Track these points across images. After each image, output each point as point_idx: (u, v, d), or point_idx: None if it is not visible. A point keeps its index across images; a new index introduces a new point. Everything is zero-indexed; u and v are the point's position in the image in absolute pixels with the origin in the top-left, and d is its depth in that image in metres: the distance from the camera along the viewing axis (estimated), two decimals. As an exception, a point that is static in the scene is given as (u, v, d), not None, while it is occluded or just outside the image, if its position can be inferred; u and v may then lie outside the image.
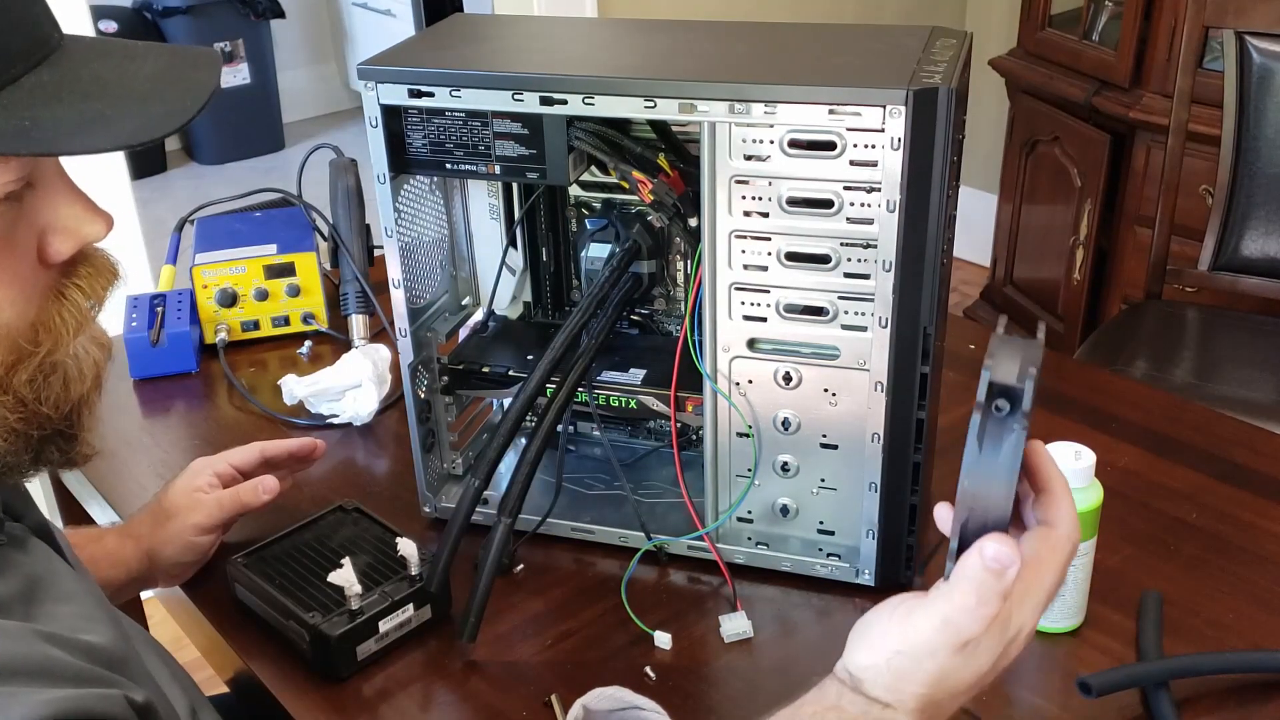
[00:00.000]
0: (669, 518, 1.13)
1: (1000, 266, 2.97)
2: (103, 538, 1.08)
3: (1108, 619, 1.02)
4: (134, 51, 0.68)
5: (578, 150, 1.02)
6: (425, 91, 1.00)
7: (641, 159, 1.03)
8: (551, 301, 1.25)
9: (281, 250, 1.53)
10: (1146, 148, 2.46)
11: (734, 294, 1.00)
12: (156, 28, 4.37)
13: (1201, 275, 2.07)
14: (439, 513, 1.17)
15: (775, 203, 0.96)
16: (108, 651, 0.67)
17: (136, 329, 1.45)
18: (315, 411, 1.36)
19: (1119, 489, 1.15)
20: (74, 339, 0.70)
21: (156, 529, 1.06)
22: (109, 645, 0.68)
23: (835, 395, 1.01)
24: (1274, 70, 1.94)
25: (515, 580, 1.10)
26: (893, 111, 0.89)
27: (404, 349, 1.11)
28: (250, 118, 4.58)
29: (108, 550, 1.05)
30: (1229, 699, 0.94)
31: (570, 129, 1.00)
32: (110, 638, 0.69)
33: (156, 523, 1.07)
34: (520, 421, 1.05)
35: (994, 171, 3.03)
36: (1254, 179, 1.99)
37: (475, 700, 0.97)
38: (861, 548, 1.05)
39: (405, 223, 1.09)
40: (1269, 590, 1.05)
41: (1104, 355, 1.97)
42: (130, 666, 0.69)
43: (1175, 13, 2.33)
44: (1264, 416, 1.68)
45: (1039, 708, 0.94)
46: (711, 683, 0.98)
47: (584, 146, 1.02)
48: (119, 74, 0.66)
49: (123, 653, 0.69)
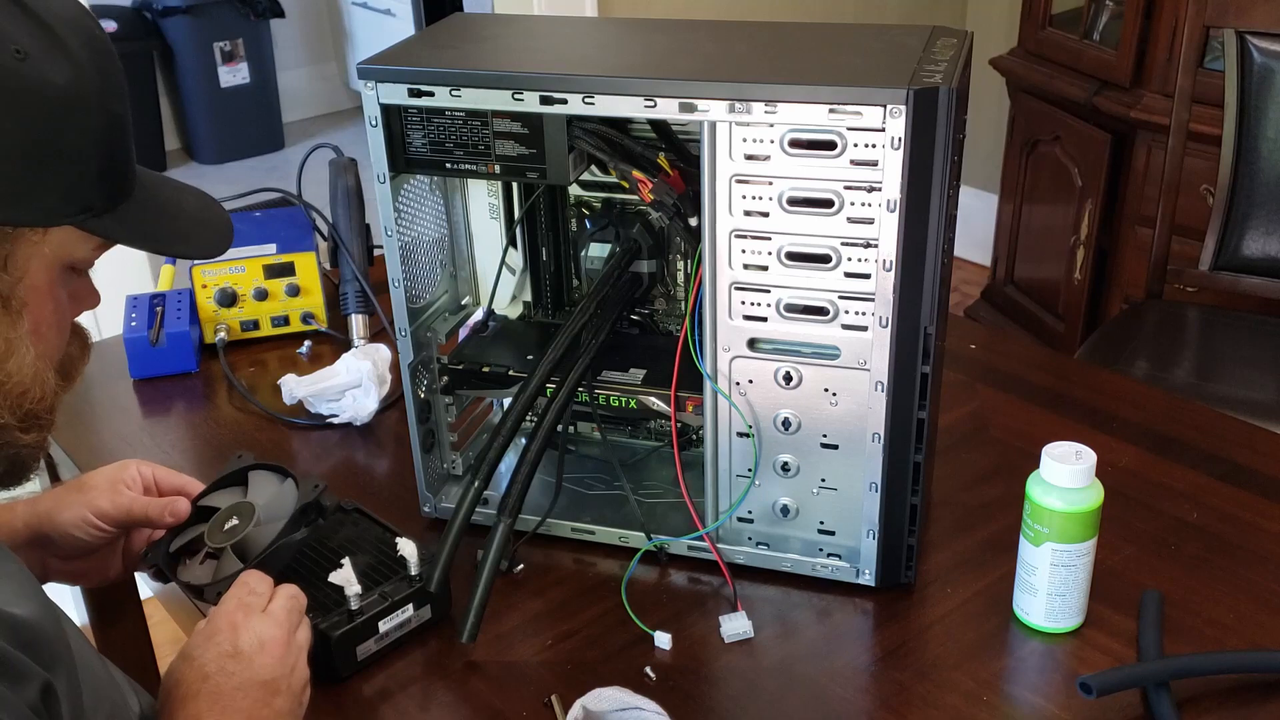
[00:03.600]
0: (669, 518, 1.13)
1: (1000, 266, 2.97)
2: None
3: (1108, 619, 1.02)
4: (174, 184, 0.90)
5: (578, 150, 1.02)
6: (425, 91, 1.00)
7: (641, 159, 1.03)
8: (551, 301, 1.24)
9: (281, 250, 1.53)
10: (1147, 147, 2.46)
11: (734, 294, 1.00)
12: (156, 28, 4.37)
13: (1202, 275, 2.07)
14: (439, 513, 1.17)
15: (775, 202, 0.96)
16: (33, 628, 0.70)
17: (136, 329, 1.45)
18: (315, 411, 1.36)
19: (1119, 489, 1.15)
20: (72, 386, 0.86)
21: (64, 494, 1.04)
22: (35, 621, 0.70)
23: (835, 395, 1.01)
24: (1275, 70, 1.94)
25: (515, 580, 1.10)
26: (893, 111, 0.89)
27: (404, 349, 1.11)
28: (250, 117, 4.58)
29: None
30: (1229, 699, 0.94)
31: (570, 128, 1.00)
32: (38, 613, 0.71)
33: (66, 490, 1.05)
34: (520, 421, 1.05)
35: (994, 171, 3.02)
36: (1254, 179, 1.99)
37: (475, 700, 0.97)
38: (862, 548, 1.05)
39: (405, 222, 1.09)
40: (1269, 590, 1.05)
41: (1104, 355, 1.97)
42: (55, 645, 0.72)
43: (1176, 12, 2.33)
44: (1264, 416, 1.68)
45: (1039, 708, 0.94)
46: (711, 683, 0.98)
47: (584, 146, 1.02)
48: (178, 200, 0.88)
49: (51, 631, 0.72)
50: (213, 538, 1.02)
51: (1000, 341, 1.54)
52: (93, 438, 1.36)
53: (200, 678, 0.86)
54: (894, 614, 1.04)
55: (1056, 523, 0.96)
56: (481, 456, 1.04)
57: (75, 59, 0.74)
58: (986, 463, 1.24)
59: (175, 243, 0.89)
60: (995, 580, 1.06)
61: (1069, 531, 0.97)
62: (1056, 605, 0.99)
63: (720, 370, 1.03)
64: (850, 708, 0.95)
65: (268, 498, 1.05)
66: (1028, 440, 1.25)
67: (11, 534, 1.02)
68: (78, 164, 0.76)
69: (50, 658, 0.70)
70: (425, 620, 1.02)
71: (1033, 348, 1.74)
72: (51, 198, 0.75)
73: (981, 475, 1.22)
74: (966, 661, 0.98)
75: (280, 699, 0.87)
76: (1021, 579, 1.01)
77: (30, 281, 0.77)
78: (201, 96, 4.48)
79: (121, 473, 1.06)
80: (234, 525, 1.02)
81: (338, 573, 0.97)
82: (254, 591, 0.92)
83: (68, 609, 1.47)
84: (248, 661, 0.87)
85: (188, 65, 4.43)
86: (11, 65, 0.71)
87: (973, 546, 1.11)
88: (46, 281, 0.78)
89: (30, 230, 0.75)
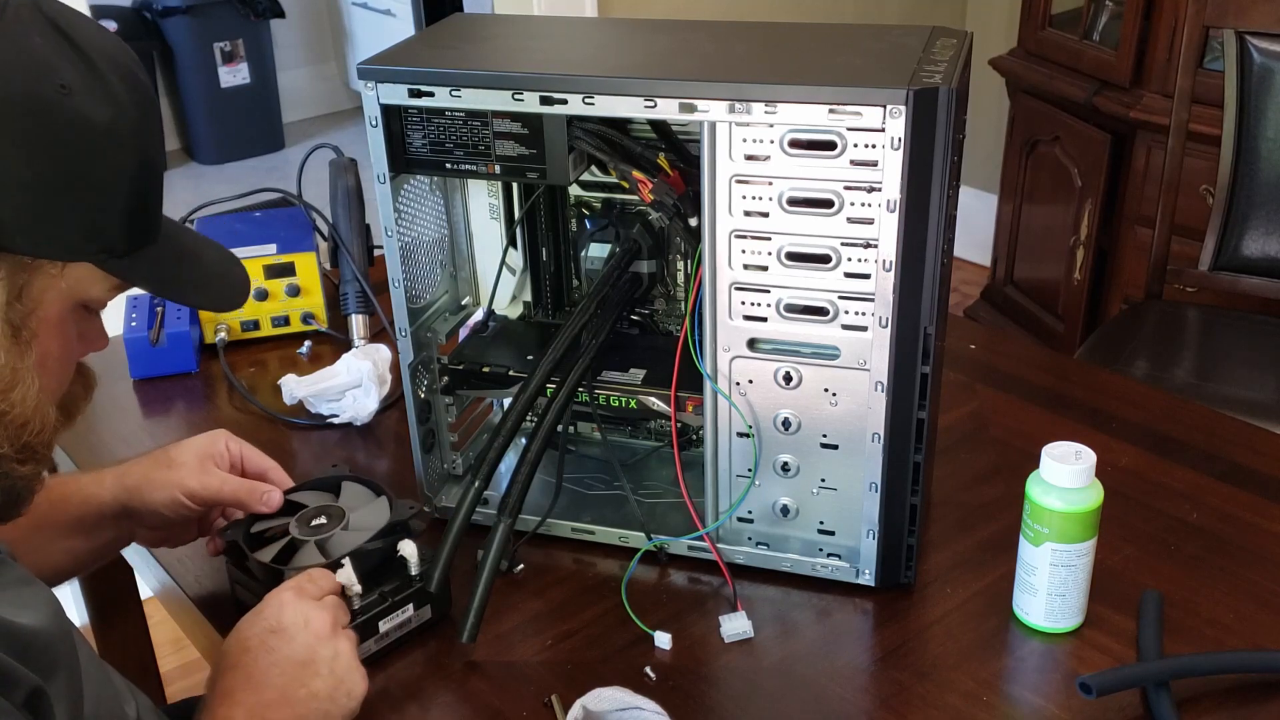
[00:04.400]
0: (669, 518, 1.13)
1: (1000, 266, 2.97)
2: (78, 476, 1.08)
3: (1108, 619, 1.02)
4: (197, 235, 0.92)
5: (578, 150, 1.02)
6: (425, 91, 1.00)
7: (641, 159, 1.03)
8: (551, 301, 1.25)
9: (281, 250, 1.53)
10: (1147, 148, 2.46)
11: (734, 294, 1.00)
12: (156, 28, 4.37)
13: (1202, 275, 2.07)
14: (439, 513, 1.17)
15: (775, 202, 0.96)
16: (33, 635, 0.70)
17: (136, 329, 1.45)
18: (315, 411, 1.36)
19: (1119, 489, 1.15)
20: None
21: (153, 471, 1.05)
22: (39, 629, 0.70)
23: (835, 395, 1.01)
24: (1274, 70, 1.94)
25: (515, 580, 1.10)
26: (893, 111, 0.89)
27: (404, 349, 1.11)
28: (250, 118, 4.58)
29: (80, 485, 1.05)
30: (1229, 699, 0.94)
31: (570, 129, 1.00)
32: (44, 622, 0.71)
33: (154, 465, 1.05)
34: (520, 421, 1.05)
35: (994, 171, 3.02)
36: (1254, 179, 1.99)
37: (475, 700, 0.97)
38: (862, 548, 1.05)
39: (405, 223, 1.09)
40: (1269, 590, 1.05)
41: (1104, 355, 1.97)
42: (56, 653, 0.72)
43: (1175, 13, 2.33)
44: (1264, 416, 1.68)
45: (1039, 708, 0.94)
46: (711, 683, 0.98)
47: (584, 146, 1.02)
48: (198, 251, 0.89)
49: (55, 639, 0.72)
50: (299, 529, 1.03)
51: (1000, 341, 1.54)
52: (92, 437, 1.36)
53: (241, 650, 0.87)
54: (894, 614, 1.04)
55: (1056, 523, 0.97)
56: (481, 456, 1.04)
57: (117, 99, 0.75)
58: (986, 463, 1.24)
59: (190, 293, 0.90)
60: (995, 580, 1.06)
61: (1069, 531, 0.97)
62: (1056, 605, 0.99)
63: (720, 370, 1.03)
64: (850, 708, 0.95)
65: (359, 508, 1.06)
66: (1027, 440, 1.26)
67: (99, 505, 1.04)
68: (105, 203, 0.76)
69: (48, 665, 0.70)
70: (425, 620, 1.02)
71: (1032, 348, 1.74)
72: (75, 234, 0.75)
73: (981, 475, 1.22)
74: (966, 661, 0.98)
75: (318, 681, 0.87)
76: (1021, 579, 1.01)
77: (43, 314, 0.77)
78: (201, 97, 4.48)
79: (211, 448, 1.07)
80: (321, 523, 1.03)
81: (339, 572, 0.97)
82: (313, 580, 0.94)
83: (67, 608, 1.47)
84: (289, 639, 0.88)
85: (188, 65, 4.44)
86: (55, 99, 0.72)
87: (972, 546, 1.12)
88: (58, 316, 0.78)
89: (49, 264, 0.76)
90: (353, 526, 1.03)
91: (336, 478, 1.10)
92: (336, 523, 1.03)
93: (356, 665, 0.91)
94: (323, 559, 0.99)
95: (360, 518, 1.04)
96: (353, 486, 1.09)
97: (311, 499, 1.08)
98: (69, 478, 1.07)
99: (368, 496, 1.07)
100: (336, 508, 1.05)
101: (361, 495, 1.08)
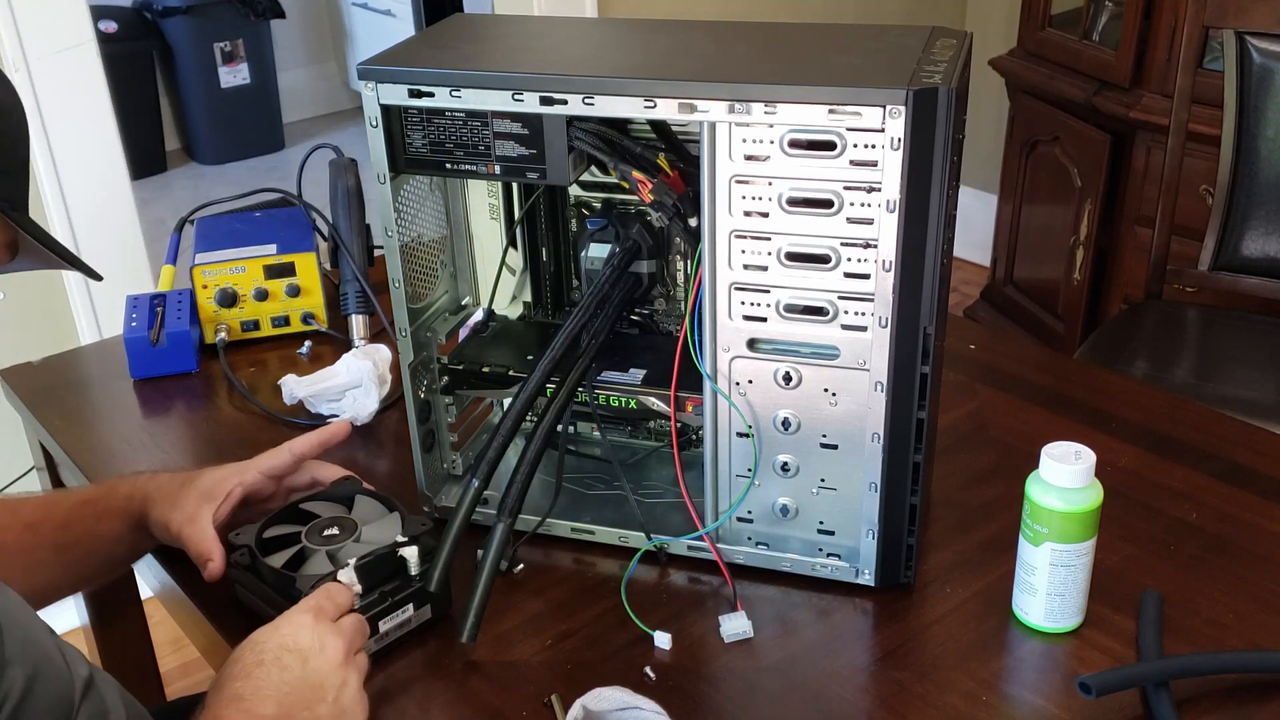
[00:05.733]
0: (669, 518, 1.13)
1: (1000, 266, 2.97)
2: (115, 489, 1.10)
3: (1108, 619, 1.02)
4: None
5: (578, 150, 1.02)
6: (425, 91, 1.00)
7: (641, 159, 1.03)
8: (551, 301, 1.25)
9: (281, 250, 1.53)
10: (1146, 148, 2.46)
11: (734, 294, 1.00)
12: (156, 28, 4.37)
13: (1201, 275, 2.07)
14: (439, 513, 1.17)
15: (775, 203, 0.96)
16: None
17: (136, 329, 1.45)
18: (315, 411, 1.36)
19: (1119, 489, 1.15)
20: None
21: (159, 495, 1.07)
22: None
23: (835, 395, 1.01)
24: (1274, 70, 1.94)
25: (515, 580, 1.10)
26: (893, 111, 0.89)
27: (404, 349, 1.11)
28: (250, 118, 4.58)
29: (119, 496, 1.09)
30: (1229, 699, 0.94)
31: (570, 129, 1.00)
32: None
33: (164, 494, 1.07)
34: (520, 421, 1.05)
35: (994, 171, 3.03)
36: (1254, 179, 1.99)
37: (475, 700, 0.97)
38: (861, 548, 1.05)
39: (405, 223, 1.09)
40: (1269, 590, 1.05)
41: (1104, 355, 1.97)
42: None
43: (1175, 13, 2.33)
44: (1264, 416, 1.68)
45: (1039, 708, 0.94)
46: (711, 683, 0.98)
47: (584, 146, 1.02)
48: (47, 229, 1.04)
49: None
50: (311, 539, 1.03)
51: (1000, 341, 1.54)
52: (92, 438, 1.36)
53: (256, 662, 0.87)
54: (893, 614, 1.04)
55: (1056, 523, 0.97)
56: (481, 456, 1.04)
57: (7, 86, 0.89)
58: (986, 463, 1.24)
59: (70, 258, 0.97)
60: (995, 580, 1.06)
61: (1068, 531, 0.97)
62: (1056, 605, 0.99)
63: (720, 370, 1.03)
64: (850, 708, 0.95)
65: (371, 522, 1.06)
66: (1027, 440, 1.26)
67: (122, 515, 1.08)
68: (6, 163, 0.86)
69: None
70: (425, 620, 1.02)
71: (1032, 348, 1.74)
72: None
73: (981, 475, 1.22)
74: (966, 661, 0.98)
75: (323, 707, 0.87)
76: (1021, 579, 1.01)
77: None
78: (201, 97, 4.48)
79: (215, 489, 1.07)
80: (333, 534, 1.03)
81: (340, 573, 0.97)
82: (333, 599, 0.94)
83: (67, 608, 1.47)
84: (303, 659, 0.88)
85: (188, 65, 4.44)
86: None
87: (972, 546, 1.12)
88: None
89: None
90: (364, 540, 1.03)
91: (350, 492, 1.10)
92: (348, 535, 1.03)
93: (361, 697, 0.91)
94: (332, 567, 1.00)
95: (372, 531, 1.04)
96: (365, 500, 1.09)
97: (324, 509, 1.08)
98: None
99: (380, 511, 1.08)
100: (349, 519, 1.06)
101: (374, 509, 1.08)
